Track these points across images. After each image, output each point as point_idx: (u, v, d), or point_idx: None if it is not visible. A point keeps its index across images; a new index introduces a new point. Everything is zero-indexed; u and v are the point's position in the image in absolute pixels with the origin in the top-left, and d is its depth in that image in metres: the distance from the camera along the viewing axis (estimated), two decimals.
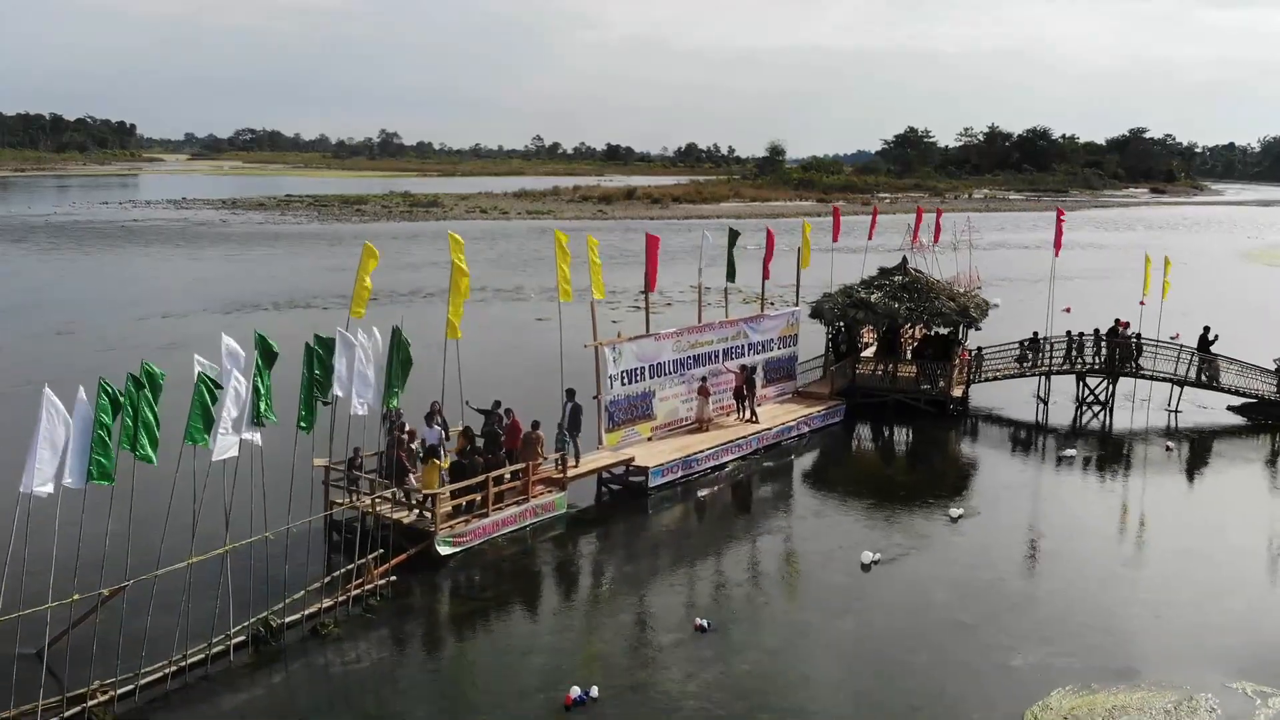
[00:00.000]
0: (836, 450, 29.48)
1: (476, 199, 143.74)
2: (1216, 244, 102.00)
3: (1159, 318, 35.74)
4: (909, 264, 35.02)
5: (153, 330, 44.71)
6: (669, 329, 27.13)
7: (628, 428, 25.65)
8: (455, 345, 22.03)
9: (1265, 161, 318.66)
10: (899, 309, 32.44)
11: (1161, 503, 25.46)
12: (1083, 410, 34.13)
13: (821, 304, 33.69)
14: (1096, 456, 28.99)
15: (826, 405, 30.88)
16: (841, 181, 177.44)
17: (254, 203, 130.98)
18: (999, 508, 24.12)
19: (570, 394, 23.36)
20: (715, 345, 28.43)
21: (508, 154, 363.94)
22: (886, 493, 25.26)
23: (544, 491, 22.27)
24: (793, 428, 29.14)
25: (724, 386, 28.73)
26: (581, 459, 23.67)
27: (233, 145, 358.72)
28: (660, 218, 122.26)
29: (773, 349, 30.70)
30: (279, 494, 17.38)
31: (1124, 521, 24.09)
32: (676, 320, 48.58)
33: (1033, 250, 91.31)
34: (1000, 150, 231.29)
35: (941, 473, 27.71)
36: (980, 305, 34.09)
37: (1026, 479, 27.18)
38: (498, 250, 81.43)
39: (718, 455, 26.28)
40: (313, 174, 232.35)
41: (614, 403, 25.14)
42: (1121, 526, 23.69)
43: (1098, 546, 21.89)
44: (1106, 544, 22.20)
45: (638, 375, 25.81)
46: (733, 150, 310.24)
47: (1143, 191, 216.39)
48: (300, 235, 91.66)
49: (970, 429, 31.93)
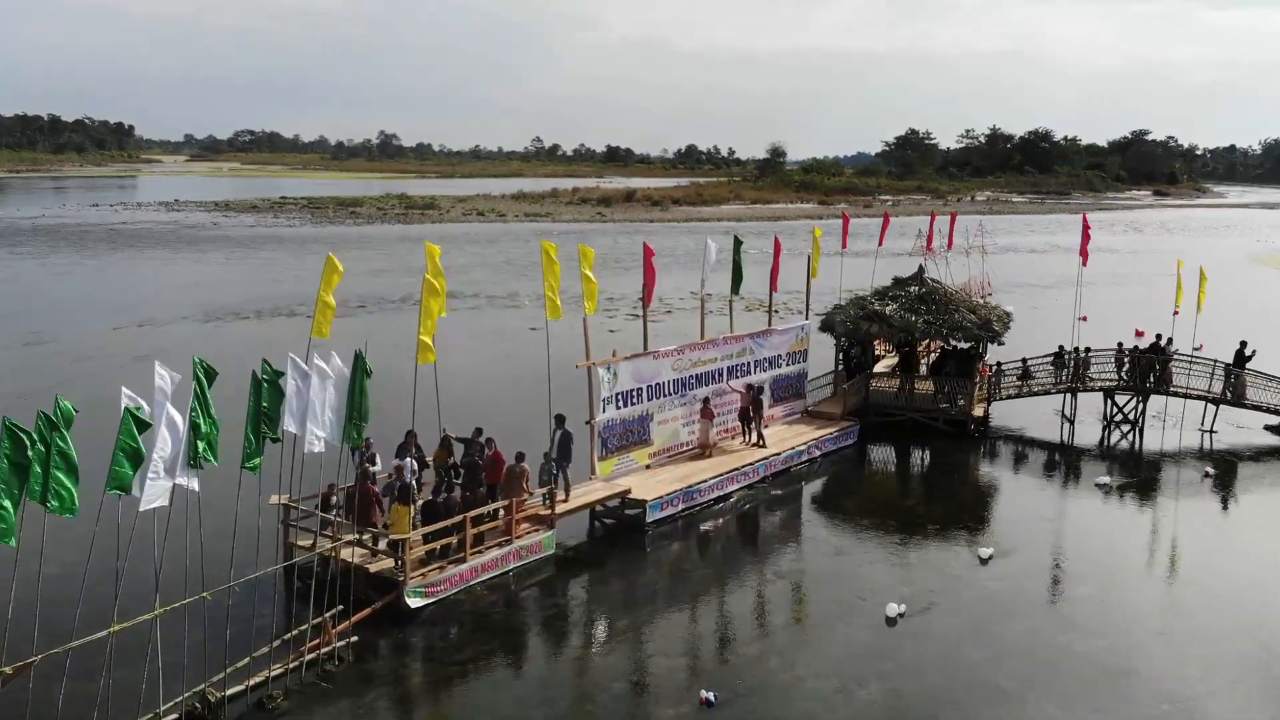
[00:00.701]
0: (851, 477, 27.25)
1: (474, 201, 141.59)
2: (1226, 248, 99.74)
3: (1193, 330, 33.49)
4: (925, 272, 32.83)
5: (126, 340, 42.47)
6: (668, 346, 24.89)
7: (623, 455, 23.43)
8: (437, 363, 19.82)
9: (1266, 164, 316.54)
10: (916, 322, 30.22)
11: (1209, 537, 23.23)
12: (1110, 430, 31.93)
13: (832, 316, 31.46)
14: (1131, 484, 26.74)
15: (839, 426, 28.64)
16: (843, 184, 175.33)
17: (247, 205, 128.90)
18: (1032, 545, 21.88)
19: (559, 420, 21.13)
20: (719, 363, 26.21)
21: (507, 155, 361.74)
22: (908, 526, 23.02)
23: (530, 530, 20.03)
24: (803, 452, 26.91)
25: (728, 407, 26.52)
26: (572, 492, 21.45)
27: (231, 146, 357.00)
28: (660, 220, 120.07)
29: (781, 366, 28.47)
30: (228, 541, 15.15)
31: (1172, 561, 21.84)
32: (676, 329, 46.43)
33: (1041, 255, 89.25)
34: (1002, 152, 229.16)
35: (966, 503, 25.43)
36: (1002, 317, 31.89)
37: (1059, 510, 24.94)
38: (493, 254, 79.24)
39: (722, 485, 24.05)
40: (311, 175, 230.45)
41: (608, 428, 22.93)
42: (1170, 567, 21.45)
43: (1145, 591, 19.69)
44: (1154, 587, 19.99)
45: (634, 397, 23.59)
46: (733, 152, 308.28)
47: (1146, 194, 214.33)
48: (292, 238, 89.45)
49: (993, 451, 29.69)
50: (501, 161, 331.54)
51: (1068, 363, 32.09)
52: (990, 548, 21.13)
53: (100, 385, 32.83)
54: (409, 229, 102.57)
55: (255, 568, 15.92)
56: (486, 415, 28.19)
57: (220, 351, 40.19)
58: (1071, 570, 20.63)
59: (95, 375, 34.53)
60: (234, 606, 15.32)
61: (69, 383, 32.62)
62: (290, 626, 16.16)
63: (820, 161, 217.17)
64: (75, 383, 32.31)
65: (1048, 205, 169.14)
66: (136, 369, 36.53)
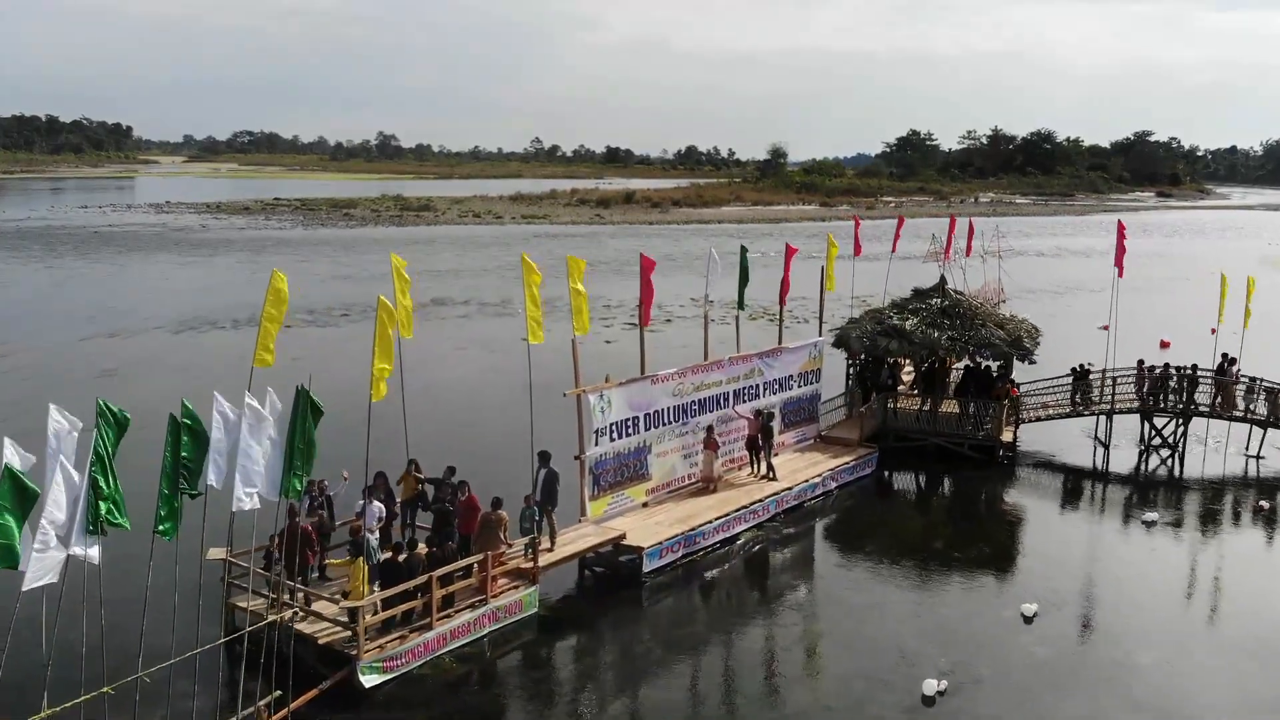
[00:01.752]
0: (870, 512, 24.61)
1: (470, 202, 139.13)
2: (1237, 251, 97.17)
3: (1239, 345, 30.88)
4: (946, 282, 30.27)
5: (93, 353, 39.92)
6: (668, 369, 22.23)
7: (617, 492, 20.83)
8: (411, 385, 17.34)
9: (1268, 165, 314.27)
10: (940, 338, 27.63)
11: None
12: (1148, 455, 29.37)
13: (847, 332, 28.86)
14: (1181, 520, 24.14)
15: (856, 454, 26.05)
16: (844, 185, 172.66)
17: (238, 207, 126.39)
18: (1080, 598, 19.30)
19: (543, 458, 18.53)
20: (724, 386, 23.61)
21: (506, 156, 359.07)
22: (938, 574, 20.40)
23: (508, 587, 17.42)
24: (817, 485, 24.31)
25: (735, 436, 23.95)
26: (559, 538, 18.85)
27: (230, 147, 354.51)
28: (660, 222, 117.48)
29: (792, 388, 25.89)
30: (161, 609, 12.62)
31: (1243, 618, 19.09)
32: (677, 341, 43.74)
33: (1051, 259, 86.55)
34: (1004, 153, 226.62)
35: (1001, 545, 22.73)
36: (1031, 332, 29.32)
37: (1105, 552, 22.27)
38: (488, 258, 76.66)
39: (728, 526, 21.44)
40: (309, 176, 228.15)
41: (600, 463, 20.33)
42: (1241, 626, 18.72)
43: (1217, 658, 17.07)
44: (1227, 653, 17.34)
45: (629, 427, 20.99)
46: (733, 153, 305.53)
47: (1149, 195, 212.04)
48: (281, 241, 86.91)
49: (1024, 481, 27.09)
50: (501, 162, 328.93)
51: (1094, 384, 29.50)
52: (1034, 603, 18.52)
53: (55, 403, 30.36)
54: (403, 231, 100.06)
55: (202, 623, 13.38)
56: (464, 447, 25.84)
57: (189, 364, 37.79)
58: (1130, 631, 17.99)
59: (49, 395, 31.93)
60: (156, 690, 12.75)
61: (13, 405, 30.03)
62: (230, 708, 13.58)
63: (821, 163, 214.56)
64: (23, 404, 29.67)
65: (1052, 207, 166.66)
66: (99, 387, 34.01)
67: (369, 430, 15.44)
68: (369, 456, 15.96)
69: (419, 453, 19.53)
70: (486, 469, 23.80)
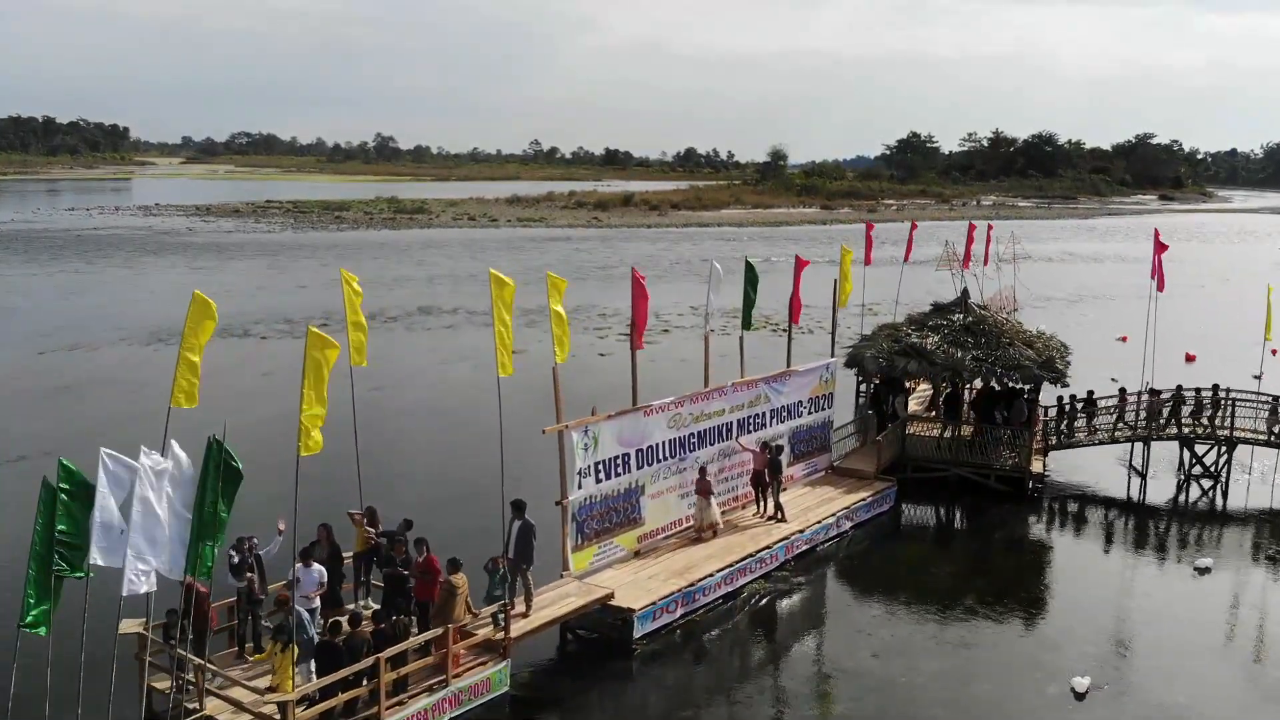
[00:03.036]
0: (890, 558, 21.98)
1: (466, 205, 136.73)
2: (1251, 257, 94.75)
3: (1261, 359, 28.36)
4: (969, 296, 27.78)
5: (49, 368, 37.41)
6: (663, 399, 19.63)
7: (604, 540, 18.27)
8: (379, 411, 14.82)
9: (1269, 168, 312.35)
10: (963, 359, 25.11)
11: None
12: (1188, 486, 26.84)
13: (861, 351, 26.32)
14: (1237, 567, 21.55)
15: (873, 489, 23.50)
16: (845, 188, 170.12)
17: (228, 209, 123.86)
18: (1139, 670, 16.71)
19: (517, 509, 15.96)
20: (727, 416, 21.06)
21: (505, 158, 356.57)
22: (972, 637, 17.81)
23: (474, 664, 14.86)
24: (831, 525, 21.76)
25: (739, 471, 21.43)
26: (537, 599, 16.29)
27: (228, 149, 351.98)
28: (658, 225, 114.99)
29: (802, 415, 23.35)
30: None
31: None
32: (675, 354, 41.16)
33: (1060, 264, 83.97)
34: (1005, 156, 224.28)
35: (1040, 599, 19.97)
36: (1061, 351, 26.78)
37: (1160, 610, 19.39)
38: (481, 263, 74.07)
39: (731, 578, 18.84)
40: (305, 178, 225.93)
41: (585, 508, 17.77)
42: None
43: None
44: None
45: (619, 466, 18.44)
46: (732, 155, 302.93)
47: (1151, 198, 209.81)
48: (269, 245, 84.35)
49: (1058, 518, 24.57)
50: (499, 164, 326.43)
51: (1139, 406, 26.98)
52: (1085, 676, 15.99)
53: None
54: (396, 235, 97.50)
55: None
56: (430, 491, 23.24)
57: (150, 382, 35.27)
58: (1202, 711, 15.46)
59: None
60: None
61: None
62: None
63: (821, 165, 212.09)
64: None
65: (1055, 210, 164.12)
66: (49, 408, 31.53)
67: (296, 486, 12.86)
68: (298, 513, 13.32)
69: (377, 498, 17.02)
70: (457, 507, 21.33)
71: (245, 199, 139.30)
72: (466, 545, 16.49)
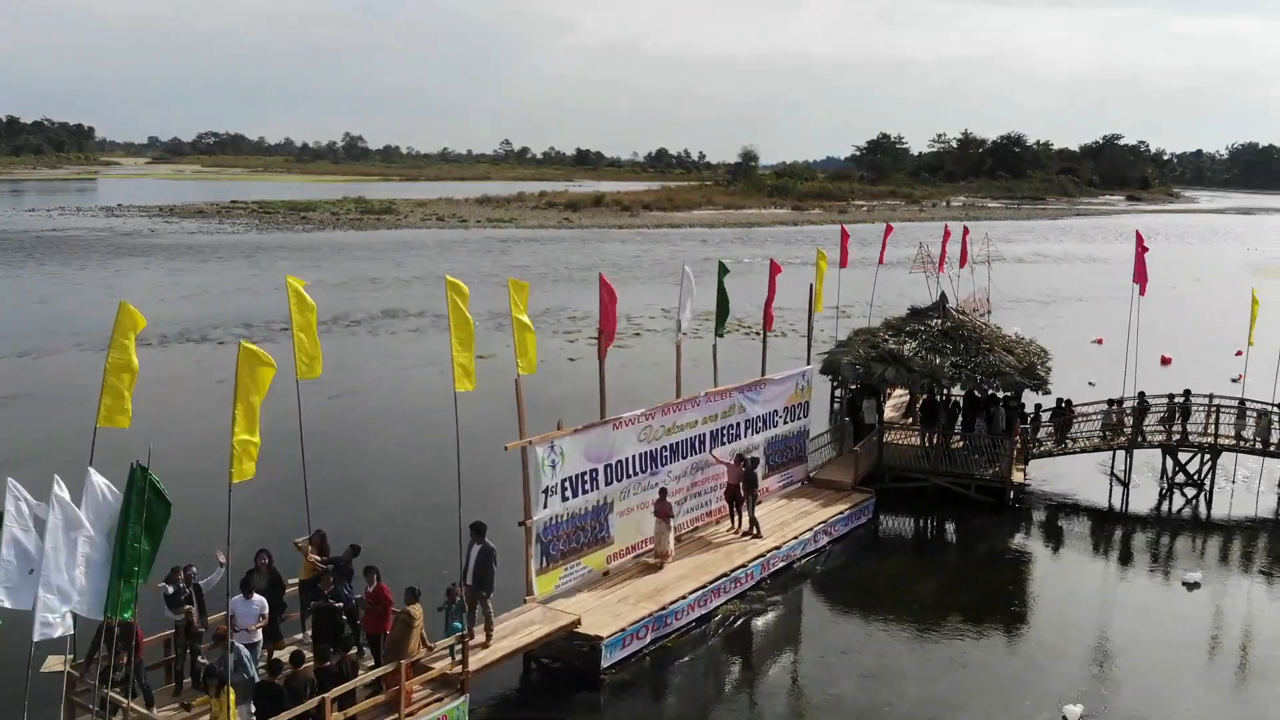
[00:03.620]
0: (870, 575, 21.08)
1: (435, 205, 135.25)
2: (1221, 257, 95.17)
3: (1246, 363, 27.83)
4: (948, 301, 27.04)
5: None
6: (632, 411, 18.67)
7: (571, 562, 17.29)
8: (332, 422, 13.77)
9: (1234, 169, 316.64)
10: (942, 365, 24.34)
11: None
12: (1172, 495, 26.22)
13: (837, 357, 25.49)
14: (1228, 581, 20.88)
15: (850, 501, 22.66)
16: (816, 188, 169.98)
17: (192, 210, 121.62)
18: (1135, 696, 15.94)
19: (477, 532, 14.97)
20: (700, 427, 20.13)
21: (476, 159, 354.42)
22: (959, 660, 16.97)
23: (430, 700, 13.82)
24: (808, 541, 20.88)
25: (712, 484, 20.52)
26: (498, 627, 15.28)
27: (195, 149, 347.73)
28: (630, 226, 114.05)
29: (777, 424, 22.48)
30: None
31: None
32: (647, 356, 40.35)
33: (1031, 265, 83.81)
34: (974, 157, 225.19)
35: (1028, 619, 19.02)
36: (1041, 356, 26.08)
37: (1151, 629, 18.47)
38: (450, 264, 72.79)
39: (705, 600, 17.91)
40: (273, 178, 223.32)
41: (550, 528, 16.79)
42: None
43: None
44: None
45: (586, 482, 17.47)
46: (703, 156, 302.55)
47: (1119, 198, 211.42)
48: (232, 246, 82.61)
49: (1041, 529, 23.84)
50: (469, 164, 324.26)
51: (1123, 414, 26.34)
52: (1079, 704, 15.20)
53: None
54: (362, 236, 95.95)
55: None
56: (382, 511, 22.15)
57: (91, 395, 33.95)
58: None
59: None
60: None
61: None
62: None
63: (792, 166, 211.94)
64: None
65: (1024, 210, 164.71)
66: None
67: (229, 518, 11.82)
68: (238, 541, 12.29)
69: (327, 520, 15.98)
70: (409, 543, 20.10)
71: (211, 199, 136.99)
72: (421, 571, 15.47)
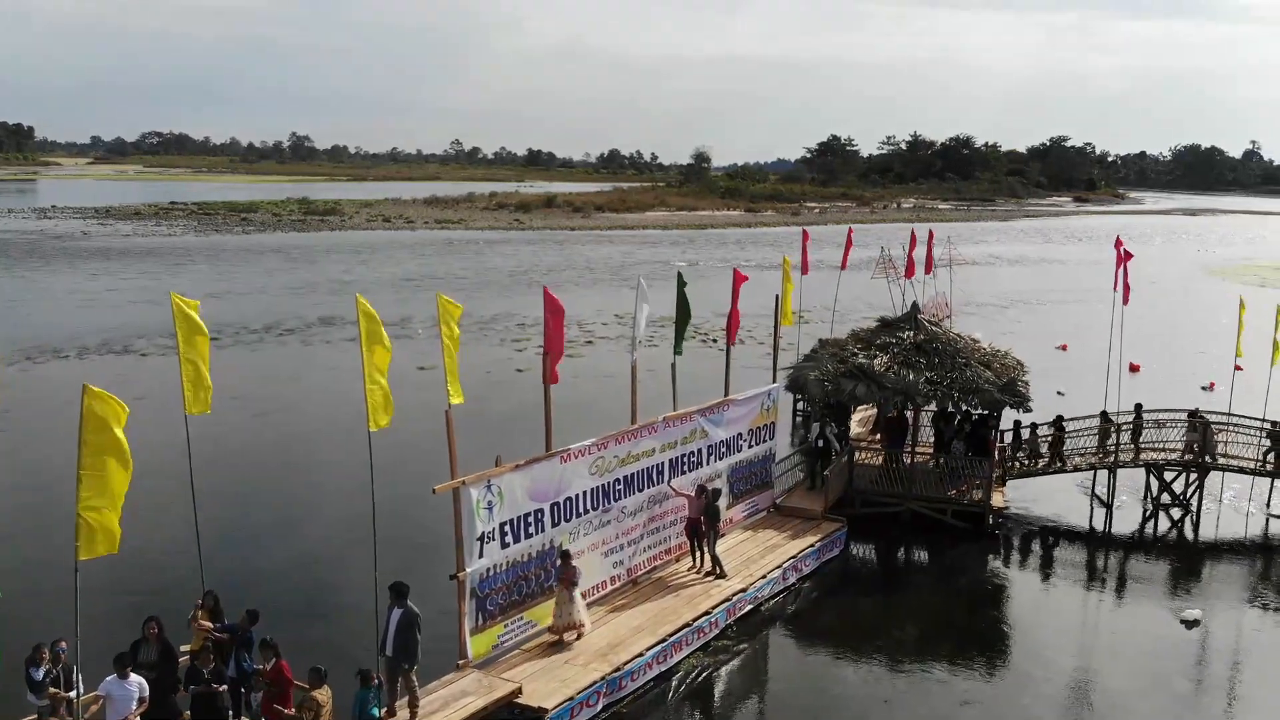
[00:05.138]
0: (846, 615, 18.98)
1: (382, 206, 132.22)
2: (1173, 258, 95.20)
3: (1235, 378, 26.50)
4: (920, 311, 25.30)
5: None
6: (582, 442, 16.58)
7: (512, 618, 15.17)
8: (249, 454, 11.51)
9: (1176, 170, 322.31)
10: (916, 381, 22.55)
11: None
12: (1157, 516, 24.72)
13: (804, 373, 23.59)
14: (1226, 615, 19.26)
15: (822, 532, 20.77)
16: (768, 190, 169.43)
17: (129, 211, 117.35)
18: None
19: (398, 594, 12.83)
20: (658, 456, 18.11)
21: (425, 159, 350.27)
22: (947, 713, 15.16)
23: None
24: (777, 579, 18.93)
25: (671, 518, 18.51)
26: (422, 703, 13.12)
27: (138, 149, 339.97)
28: (582, 228, 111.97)
29: (742, 449, 20.53)
30: None
31: None
32: (600, 366, 38.26)
33: (985, 268, 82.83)
34: (923, 159, 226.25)
35: (1019, 666, 16.92)
36: (1017, 369, 24.36)
37: (1155, 677, 16.72)
38: (394, 268, 70.15)
39: (664, 655, 15.88)
40: (217, 179, 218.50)
41: (487, 581, 14.66)
42: None
43: None
44: None
45: (530, 525, 15.37)
46: (655, 157, 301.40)
47: (1066, 200, 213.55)
48: (168, 249, 79.18)
49: (1025, 559, 22.18)
50: (419, 165, 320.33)
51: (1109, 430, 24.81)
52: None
53: None
54: (303, 237, 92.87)
55: None
56: (288, 566, 19.69)
57: (33, 396, 31.48)
58: None
59: None
60: None
61: None
62: None
63: (744, 168, 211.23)
64: None
65: (974, 212, 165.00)
66: None
67: (76, 601, 9.59)
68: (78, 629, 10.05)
69: (225, 577, 13.78)
70: (319, 606, 17.65)
71: (152, 200, 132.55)
72: (334, 641, 13.28)
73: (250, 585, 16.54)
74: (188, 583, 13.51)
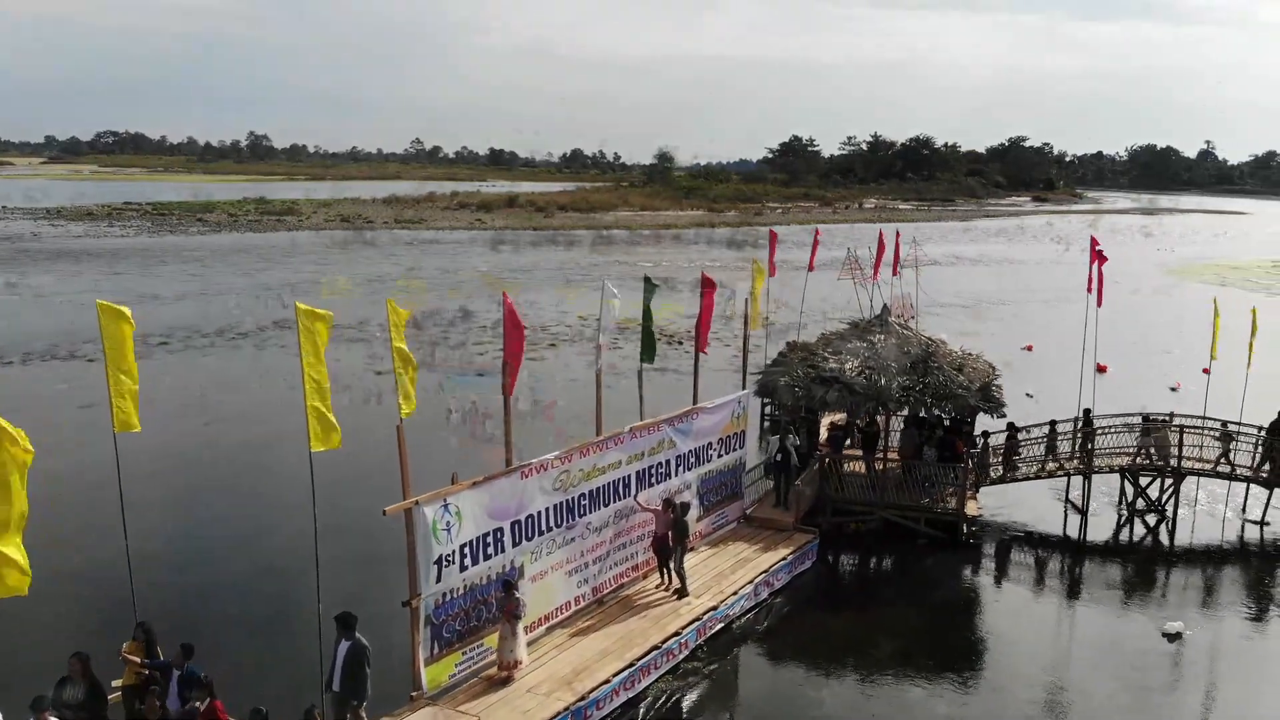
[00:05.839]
0: (820, 632, 18.24)
1: (340, 205, 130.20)
2: (1134, 258, 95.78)
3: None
4: (890, 313, 24.72)
5: None
6: (543, 456, 15.75)
7: (470, 646, 14.30)
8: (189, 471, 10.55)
9: (1132, 170, 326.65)
10: (889, 387, 21.92)
11: None
12: (1132, 523, 24.28)
13: (774, 379, 22.88)
14: (1208, 628, 18.78)
15: (793, 544, 20.06)
16: (731, 190, 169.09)
17: (81, 212, 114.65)
18: None
19: (345, 625, 11.95)
20: (625, 468, 17.29)
21: (386, 158, 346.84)
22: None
23: None
24: (748, 595, 18.19)
25: (638, 535, 17.72)
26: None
27: (93, 148, 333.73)
28: (544, 227, 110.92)
29: (711, 459, 19.77)
30: None
31: None
32: (563, 370, 37.38)
33: (947, 268, 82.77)
34: (884, 159, 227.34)
35: (1001, 684, 16.33)
36: (991, 374, 23.84)
37: (1142, 694, 16.31)
38: (353, 269, 68.81)
39: (632, 681, 15.08)
40: (173, 178, 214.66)
41: (443, 607, 13.79)
42: None
43: None
44: None
45: (489, 546, 14.50)
46: (619, 157, 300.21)
47: (1025, 200, 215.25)
48: (121, 251, 77.15)
49: (1000, 569, 21.58)
50: (379, 164, 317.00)
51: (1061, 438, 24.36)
52: None
53: None
54: (260, 238, 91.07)
55: None
56: (231, 593, 18.49)
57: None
58: None
59: None
60: None
61: None
62: None
63: (707, 168, 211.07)
64: None
65: (935, 212, 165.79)
66: None
67: None
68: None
69: (151, 609, 12.80)
70: (260, 637, 16.60)
71: (106, 200, 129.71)
72: (277, 680, 12.37)
73: (189, 613, 15.60)
74: (119, 613, 12.50)
